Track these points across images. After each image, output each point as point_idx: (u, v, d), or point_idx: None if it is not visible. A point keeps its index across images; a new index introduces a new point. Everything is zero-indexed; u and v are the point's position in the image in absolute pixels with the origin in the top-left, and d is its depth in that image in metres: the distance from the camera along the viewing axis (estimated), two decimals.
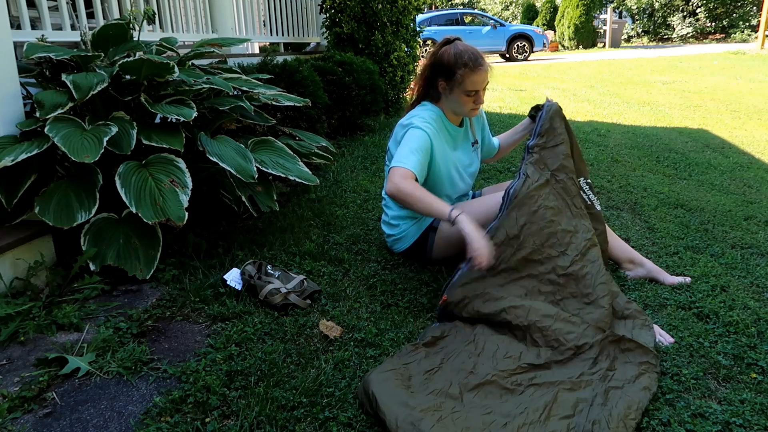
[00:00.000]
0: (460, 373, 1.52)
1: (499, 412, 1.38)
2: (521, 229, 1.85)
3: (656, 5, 23.61)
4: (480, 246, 1.71)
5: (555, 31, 20.95)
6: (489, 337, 1.69)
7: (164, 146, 2.05)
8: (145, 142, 2.03)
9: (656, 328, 1.75)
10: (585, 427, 1.32)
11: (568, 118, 2.25)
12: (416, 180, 1.92)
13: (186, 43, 3.89)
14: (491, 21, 16.75)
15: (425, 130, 2.02)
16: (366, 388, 1.41)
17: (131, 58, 2.17)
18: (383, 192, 2.33)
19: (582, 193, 2.08)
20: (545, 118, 2.10)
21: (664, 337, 1.73)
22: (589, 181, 2.16)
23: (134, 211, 1.88)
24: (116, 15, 3.13)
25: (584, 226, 1.95)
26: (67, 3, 2.93)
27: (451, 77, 2.03)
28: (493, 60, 17.13)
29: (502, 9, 30.92)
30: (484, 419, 1.35)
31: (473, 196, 2.43)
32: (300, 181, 2.30)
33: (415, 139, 1.99)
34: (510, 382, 1.49)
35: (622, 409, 1.37)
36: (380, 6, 4.98)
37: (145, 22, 2.49)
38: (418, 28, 5.72)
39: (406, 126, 2.06)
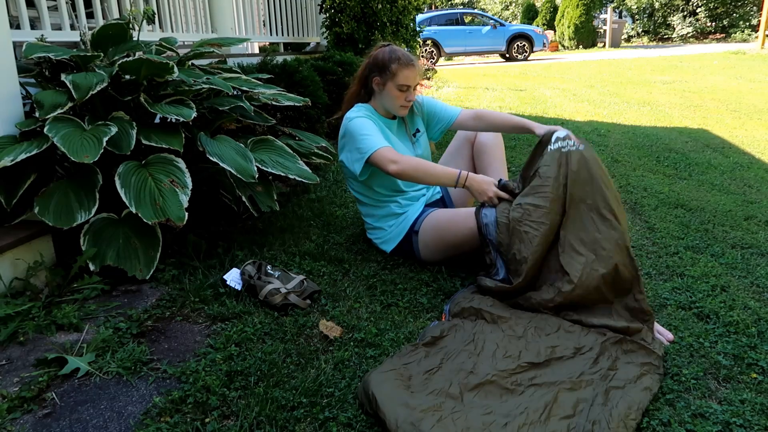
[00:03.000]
0: (460, 373, 1.52)
1: (500, 412, 1.38)
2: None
3: (656, 5, 23.61)
4: (482, 188, 1.99)
5: (555, 31, 20.95)
6: (488, 335, 1.69)
7: (164, 146, 2.05)
8: (144, 142, 2.03)
9: (656, 325, 1.75)
10: (585, 427, 1.32)
11: (567, 118, 2.23)
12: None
13: (186, 43, 3.89)
14: (491, 21, 16.75)
15: (360, 115, 2.18)
16: (366, 388, 1.40)
17: (131, 58, 2.17)
18: (358, 205, 2.39)
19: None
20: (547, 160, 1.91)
21: (664, 335, 1.73)
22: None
23: (134, 211, 1.87)
24: (116, 15, 3.13)
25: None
26: (67, 3, 2.93)
27: (385, 71, 2.17)
28: (492, 60, 17.14)
29: (502, 9, 30.94)
30: (485, 419, 1.35)
31: (444, 197, 2.44)
32: (300, 179, 2.30)
33: (362, 126, 2.14)
34: (510, 382, 1.49)
35: (622, 409, 1.37)
36: (380, 6, 4.98)
37: (144, 22, 2.49)
38: (418, 28, 5.72)
39: (345, 121, 2.20)
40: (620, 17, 24.02)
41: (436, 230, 2.15)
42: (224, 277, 2.01)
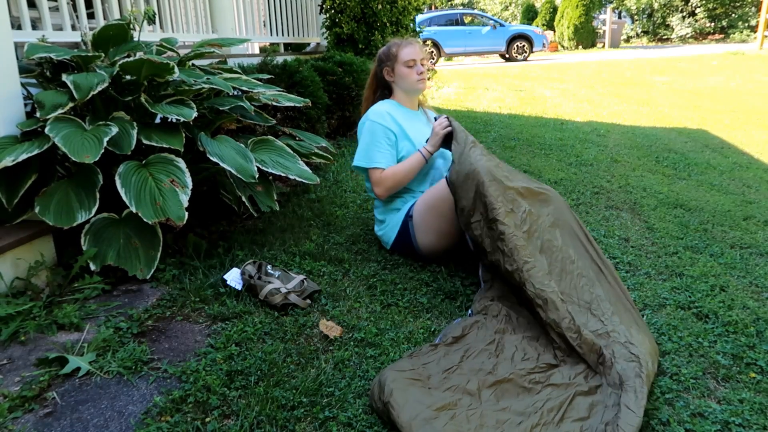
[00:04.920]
0: (479, 372, 1.52)
1: (515, 410, 1.38)
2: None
3: (655, 5, 23.62)
4: (436, 127, 2.21)
5: (554, 32, 20.94)
6: (508, 337, 1.68)
7: (164, 146, 2.05)
8: (145, 142, 2.03)
9: None
10: (598, 428, 1.32)
11: (567, 118, 2.27)
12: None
13: (186, 44, 3.90)
14: (491, 21, 16.74)
15: (371, 119, 2.33)
16: (382, 380, 1.41)
17: (131, 59, 2.17)
18: (371, 193, 2.42)
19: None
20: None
21: None
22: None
23: (134, 211, 1.88)
24: (116, 15, 3.14)
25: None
26: (68, 3, 2.94)
27: (390, 57, 2.39)
28: (492, 60, 17.14)
29: (501, 9, 30.91)
30: (499, 417, 1.35)
31: None
32: (300, 179, 2.30)
33: (367, 133, 2.33)
34: (528, 380, 1.49)
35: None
36: (380, 6, 4.98)
37: (145, 22, 2.50)
38: (417, 29, 5.73)
39: (365, 116, 2.38)
40: (619, 18, 24.04)
41: (426, 205, 2.20)
42: (224, 276, 2.02)
